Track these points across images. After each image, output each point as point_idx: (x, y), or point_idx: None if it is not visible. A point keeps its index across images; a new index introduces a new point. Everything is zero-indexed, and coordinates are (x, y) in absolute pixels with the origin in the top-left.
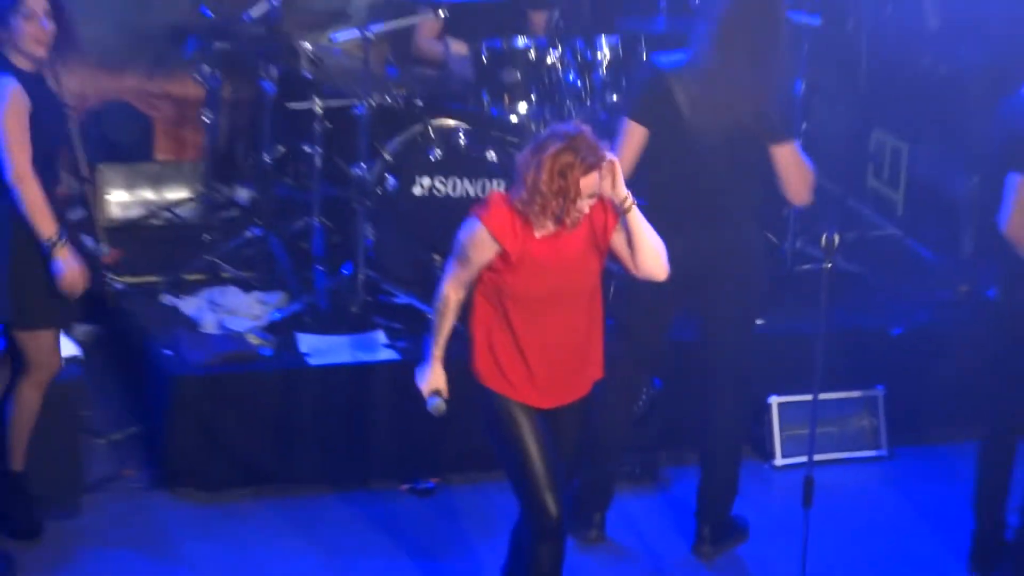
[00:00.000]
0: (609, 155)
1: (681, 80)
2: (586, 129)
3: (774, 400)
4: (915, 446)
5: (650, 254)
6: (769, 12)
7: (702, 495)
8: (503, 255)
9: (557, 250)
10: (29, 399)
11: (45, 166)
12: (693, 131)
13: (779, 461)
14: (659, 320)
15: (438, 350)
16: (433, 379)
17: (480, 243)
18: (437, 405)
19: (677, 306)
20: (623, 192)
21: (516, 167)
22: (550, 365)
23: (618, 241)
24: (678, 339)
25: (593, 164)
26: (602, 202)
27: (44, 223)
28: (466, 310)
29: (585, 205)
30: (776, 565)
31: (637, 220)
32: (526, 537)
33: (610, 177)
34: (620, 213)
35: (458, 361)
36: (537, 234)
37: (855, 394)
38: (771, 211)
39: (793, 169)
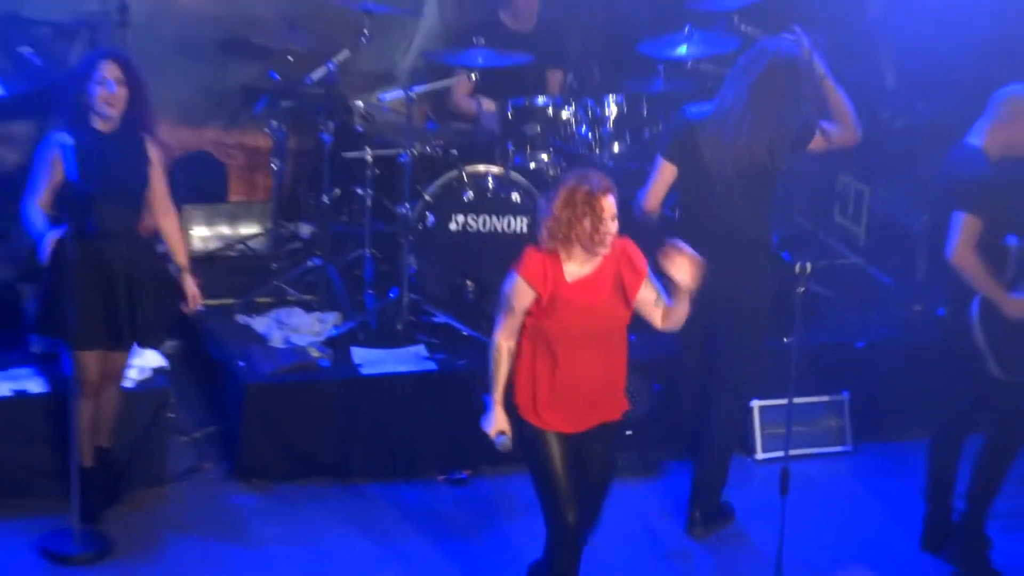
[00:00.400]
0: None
1: (705, 128)
2: (593, 170)
3: (755, 404)
4: (875, 443)
5: (677, 323)
6: (794, 80)
7: (696, 484)
8: (538, 300)
9: (585, 294)
10: (82, 408)
11: (116, 204)
12: (711, 171)
13: (760, 456)
14: (691, 336)
15: (498, 395)
16: (497, 423)
17: (519, 291)
18: (504, 443)
19: (703, 322)
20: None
21: (538, 216)
22: (579, 394)
23: (645, 298)
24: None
25: (607, 188)
26: (631, 262)
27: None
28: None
29: (612, 225)
30: (757, 543)
31: (683, 301)
32: (547, 542)
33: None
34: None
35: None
36: (568, 278)
37: (824, 398)
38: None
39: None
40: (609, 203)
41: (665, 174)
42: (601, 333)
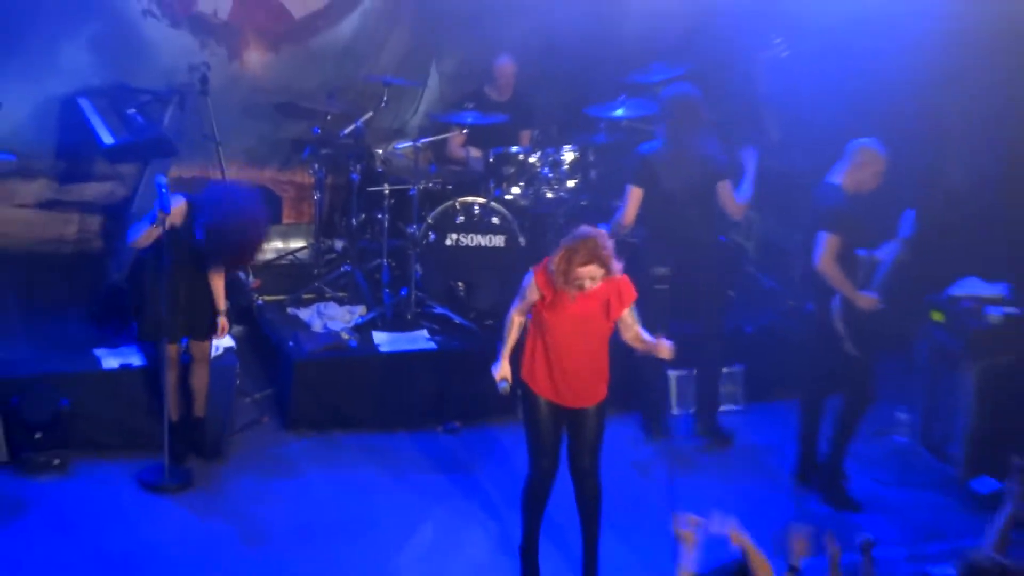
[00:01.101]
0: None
1: (655, 158)
2: (600, 234)
3: (672, 373)
4: (761, 403)
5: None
6: (690, 111)
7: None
8: (543, 298)
9: (578, 305)
10: (168, 377)
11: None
12: (667, 187)
13: (675, 411)
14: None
15: (506, 350)
16: (502, 371)
17: (531, 287)
18: (504, 388)
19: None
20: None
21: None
22: (568, 376)
23: (624, 320)
24: None
25: (588, 260)
26: (620, 295)
27: None
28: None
29: (585, 284)
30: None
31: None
32: (527, 474)
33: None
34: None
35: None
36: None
37: (724, 369)
38: None
39: (728, 196)
40: (587, 271)
41: (635, 196)
42: (586, 335)
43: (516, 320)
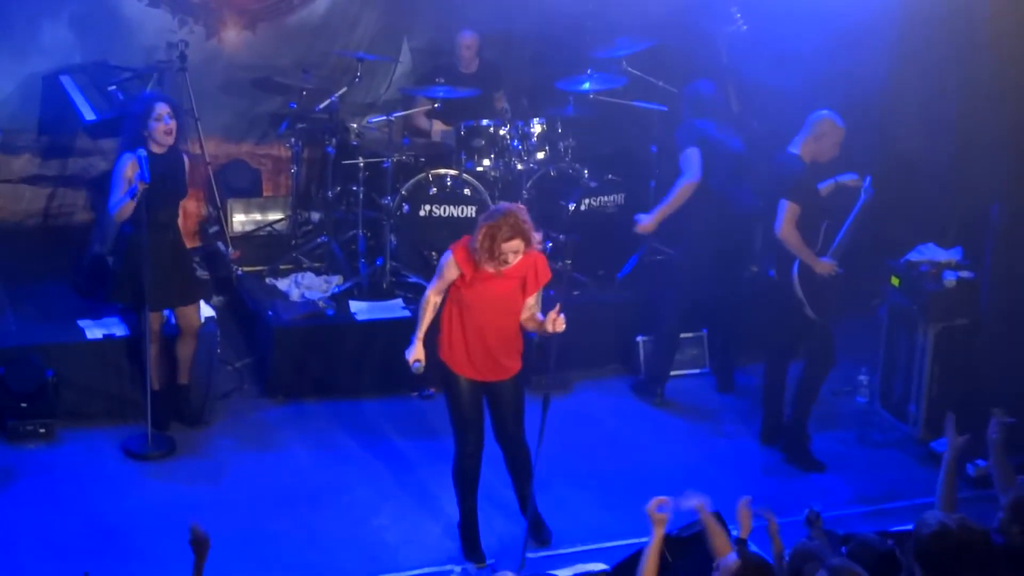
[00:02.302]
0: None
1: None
2: (520, 208)
3: (640, 339)
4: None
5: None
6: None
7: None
8: (462, 276)
9: (496, 282)
10: (150, 347)
11: (166, 204)
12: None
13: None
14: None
15: (421, 333)
16: (416, 353)
17: (449, 266)
18: (418, 368)
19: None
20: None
21: (476, 224)
22: (484, 351)
23: (527, 303)
24: None
25: (511, 236)
26: (537, 273)
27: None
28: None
29: (509, 258)
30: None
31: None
32: (454, 451)
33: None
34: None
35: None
36: (487, 269)
37: (689, 335)
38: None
39: None
40: (511, 245)
41: (696, 158)
42: (504, 312)
43: (432, 300)
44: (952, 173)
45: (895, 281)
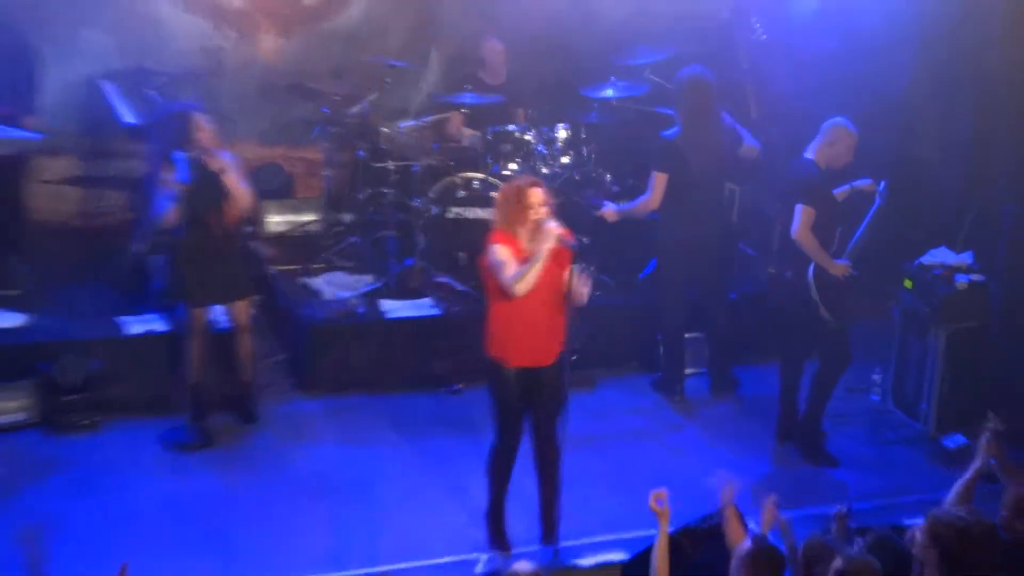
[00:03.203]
0: None
1: (678, 143)
2: (531, 177)
3: (660, 338)
4: (739, 365)
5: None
6: (703, 93)
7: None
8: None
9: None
10: (192, 343)
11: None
12: (687, 170)
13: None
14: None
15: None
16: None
17: (499, 249)
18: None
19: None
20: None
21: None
22: (527, 334)
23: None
24: None
25: (531, 183)
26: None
27: None
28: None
29: (538, 212)
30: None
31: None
32: (494, 444)
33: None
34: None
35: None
36: (523, 243)
37: (696, 334)
38: None
39: (748, 150)
40: (535, 194)
41: (661, 181)
42: (545, 293)
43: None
44: (964, 179)
45: (908, 283)
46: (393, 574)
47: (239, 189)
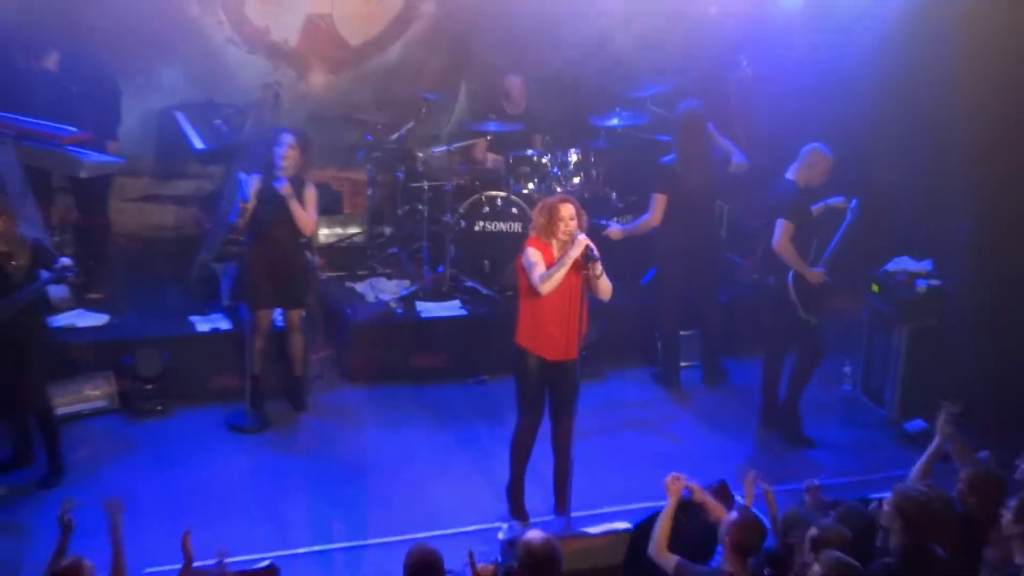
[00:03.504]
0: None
1: (674, 167)
2: (564, 195)
3: (657, 336)
4: (730, 359)
5: (604, 293)
6: (697, 124)
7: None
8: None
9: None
10: (254, 339)
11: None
12: (683, 191)
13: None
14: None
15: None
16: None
17: (533, 253)
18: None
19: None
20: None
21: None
22: (555, 332)
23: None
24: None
25: (563, 200)
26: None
27: None
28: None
29: (568, 223)
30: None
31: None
32: (517, 425)
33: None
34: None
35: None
36: (553, 251)
37: (690, 332)
38: None
39: (736, 166)
40: (566, 209)
41: (661, 202)
42: (568, 293)
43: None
44: (924, 198)
45: (875, 288)
46: (426, 541)
47: (302, 217)
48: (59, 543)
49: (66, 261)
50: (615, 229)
